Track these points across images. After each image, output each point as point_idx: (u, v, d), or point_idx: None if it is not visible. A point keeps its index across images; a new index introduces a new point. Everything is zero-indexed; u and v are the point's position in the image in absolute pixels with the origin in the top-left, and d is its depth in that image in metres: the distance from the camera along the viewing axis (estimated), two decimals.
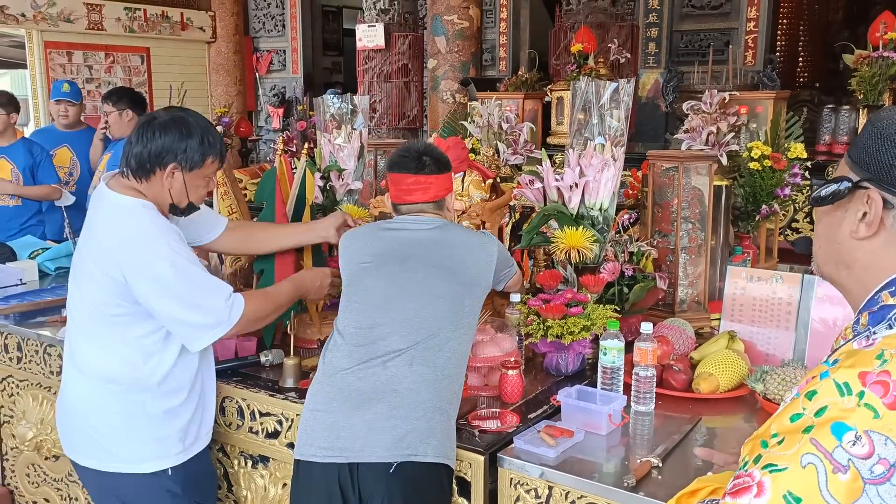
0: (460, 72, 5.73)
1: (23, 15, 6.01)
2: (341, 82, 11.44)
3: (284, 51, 11.11)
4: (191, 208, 2.08)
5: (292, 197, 2.48)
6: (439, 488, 1.81)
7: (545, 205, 2.45)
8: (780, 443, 0.91)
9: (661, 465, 1.73)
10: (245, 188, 5.58)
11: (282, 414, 2.15)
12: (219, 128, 6.15)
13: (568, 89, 4.89)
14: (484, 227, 2.56)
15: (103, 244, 1.98)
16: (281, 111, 10.90)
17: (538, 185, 2.44)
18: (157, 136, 1.96)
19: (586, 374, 2.33)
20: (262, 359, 2.34)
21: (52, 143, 4.74)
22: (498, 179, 2.94)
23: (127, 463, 2.00)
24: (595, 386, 2.10)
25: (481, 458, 1.85)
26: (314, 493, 1.81)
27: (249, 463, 2.26)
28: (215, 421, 2.21)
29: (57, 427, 2.15)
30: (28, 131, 5.57)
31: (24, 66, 13.64)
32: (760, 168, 3.05)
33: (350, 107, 2.91)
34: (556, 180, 2.36)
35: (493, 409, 2.05)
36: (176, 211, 2.06)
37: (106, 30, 6.53)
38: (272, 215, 2.44)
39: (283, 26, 11.06)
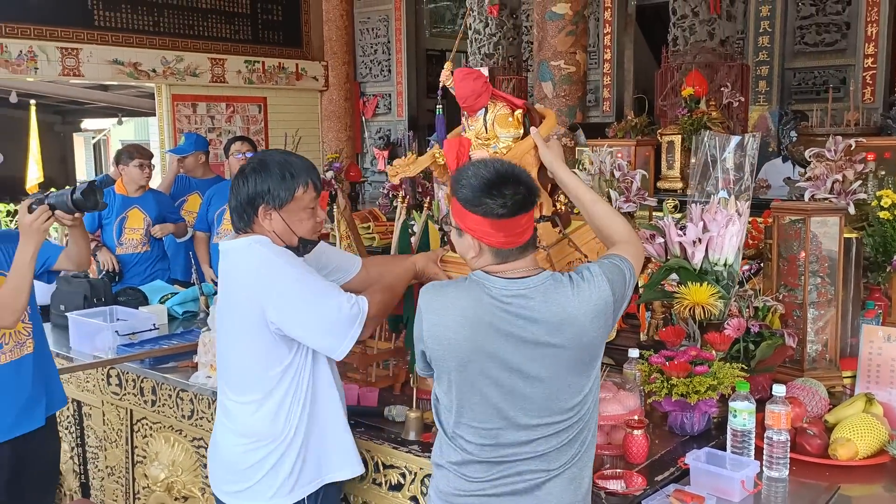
0: (567, 116, 5.74)
1: (153, 70, 6.45)
2: (445, 125, 11.66)
3: (390, 94, 11.43)
4: (305, 245, 2.10)
5: (415, 249, 2.54)
6: None
7: (667, 259, 2.42)
8: None
9: None
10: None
11: (405, 467, 2.19)
12: (329, 173, 6.37)
13: (678, 133, 4.84)
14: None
15: (239, 284, 2.07)
16: (386, 153, 11.21)
17: (660, 239, 2.42)
18: (242, 185, 2.05)
19: (712, 434, 2.26)
20: (386, 413, 2.38)
21: (186, 190, 5.08)
22: (533, 104, 2.39)
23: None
24: (722, 448, 2.04)
25: None
26: None
27: None
28: None
29: (209, 471, 2.24)
30: (155, 178, 5.91)
31: (147, 115, 14.60)
32: (891, 217, 2.92)
33: None
34: (679, 235, 2.34)
35: (618, 470, 2.02)
36: (294, 251, 2.09)
37: (227, 82, 6.92)
38: None
39: (389, 71, 11.39)
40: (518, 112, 2.22)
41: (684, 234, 2.33)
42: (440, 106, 2.42)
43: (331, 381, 2.14)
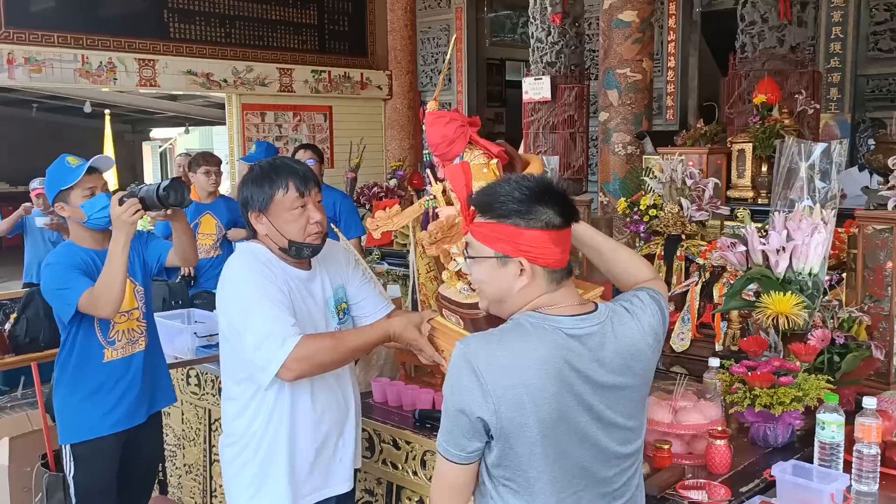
0: (632, 124, 5.70)
1: (225, 80, 6.62)
2: (503, 133, 11.68)
3: (450, 103, 11.50)
4: (298, 248, 2.07)
5: None
6: None
7: (748, 268, 2.39)
8: None
9: None
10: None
11: None
12: (393, 181, 6.45)
13: (749, 141, 4.75)
14: None
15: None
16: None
17: (741, 247, 2.39)
18: (238, 196, 2.14)
19: (795, 446, 2.22)
20: None
21: None
22: (517, 154, 2.12)
23: None
24: (807, 460, 2.00)
25: None
26: None
27: None
28: (415, 473, 2.30)
29: None
30: (225, 185, 6.06)
31: (212, 124, 14.96)
32: None
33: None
34: (762, 243, 2.30)
35: (700, 480, 2.00)
36: (293, 253, 2.09)
37: (295, 91, 7.06)
38: None
39: (450, 80, 11.47)
40: (494, 162, 2.02)
41: (767, 243, 2.30)
42: (426, 151, 2.38)
43: (305, 407, 2.10)
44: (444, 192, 2.12)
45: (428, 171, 2.25)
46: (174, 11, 6.38)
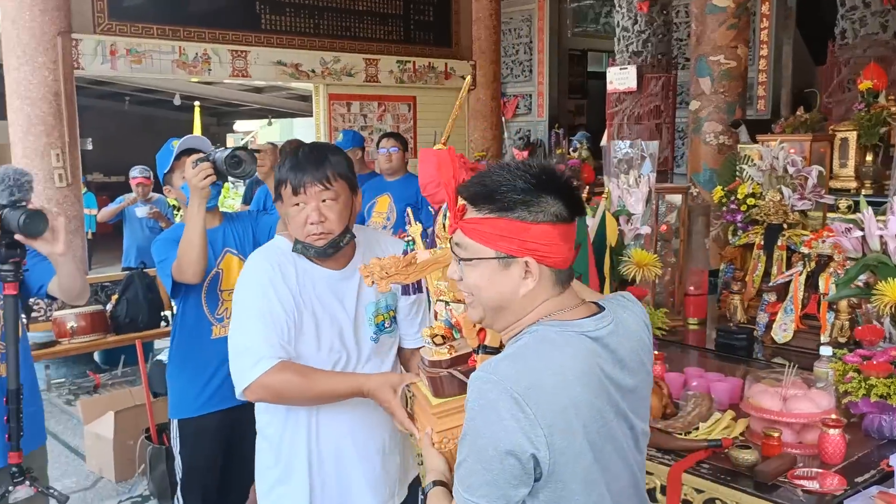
0: (725, 113, 5.57)
1: (313, 71, 6.75)
2: (584, 125, 11.57)
3: (530, 95, 11.46)
4: (305, 247, 1.92)
5: (591, 241, 2.53)
6: None
7: (863, 255, 2.31)
8: None
9: None
10: None
11: None
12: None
13: (853, 129, 4.57)
14: None
15: None
16: (525, 153, 11.24)
17: (858, 233, 2.30)
18: None
19: None
20: None
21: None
22: None
23: None
24: None
25: None
26: None
27: None
28: None
29: None
30: None
31: (293, 116, 15.26)
32: None
33: (639, 152, 2.94)
34: (880, 229, 2.22)
35: (812, 469, 1.94)
36: (301, 251, 1.95)
37: (380, 81, 7.14)
38: (585, 261, 2.39)
39: (530, 71, 11.42)
40: None
41: (885, 228, 2.21)
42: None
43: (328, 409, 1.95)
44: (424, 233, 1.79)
45: (408, 210, 2.10)
46: (266, 3, 6.53)
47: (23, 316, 2.56)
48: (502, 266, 1.30)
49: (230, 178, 2.65)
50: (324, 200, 1.88)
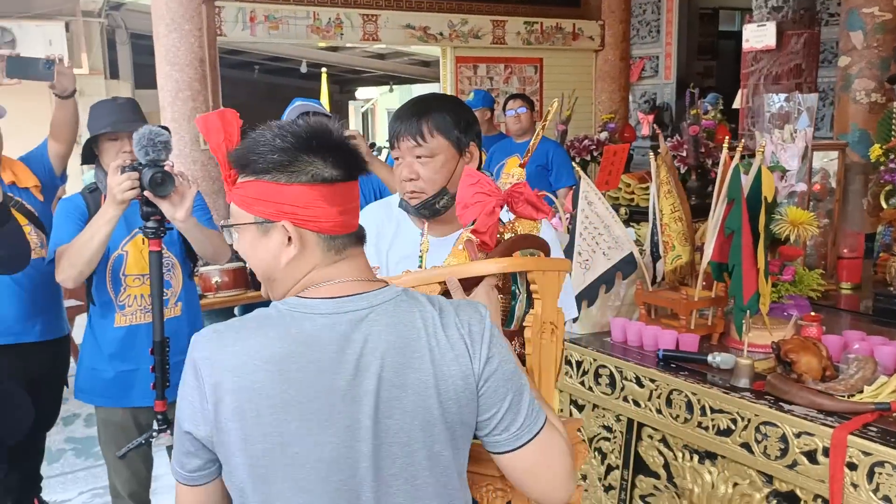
0: (879, 69, 5.20)
1: (440, 34, 6.77)
2: (714, 87, 11.09)
3: (658, 56, 11.08)
4: (405, 204, 1.85)
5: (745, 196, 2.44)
6: None
7: None
8: None
9: None
10: (633, 192, 5.68)
11: (737, 413, 2.14)
12: (604, 133, 6.33)
13: None
14: None
15: None
16: (651, 117, 10.89)
17: None
18: None
19: None
20: (710, 359, 2.34)
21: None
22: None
23: None
24: None
25: None
26: None
27: (696, 458, 2.28)
28: (659, 412, 2.29)
29: None
30: None
31: (413, 82, 15.38)
32: None
33: (796, 106, 2.80)
34: None
35: None
36: (405, 209, 1.87)
37: (507, 43, 7.08)
38: (739, 217, 2.32)
39: (658, 32, 11.03)
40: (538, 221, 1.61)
41: None
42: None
43: None
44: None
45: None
46: None
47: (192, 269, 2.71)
48: (262, 232, 1.22)
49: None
50: (418, 157, 1.76)
